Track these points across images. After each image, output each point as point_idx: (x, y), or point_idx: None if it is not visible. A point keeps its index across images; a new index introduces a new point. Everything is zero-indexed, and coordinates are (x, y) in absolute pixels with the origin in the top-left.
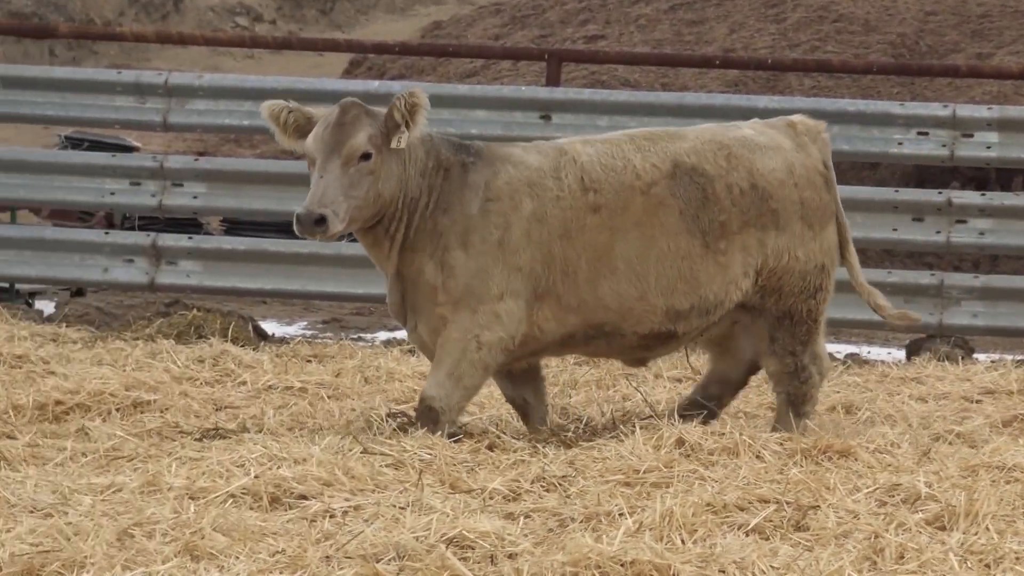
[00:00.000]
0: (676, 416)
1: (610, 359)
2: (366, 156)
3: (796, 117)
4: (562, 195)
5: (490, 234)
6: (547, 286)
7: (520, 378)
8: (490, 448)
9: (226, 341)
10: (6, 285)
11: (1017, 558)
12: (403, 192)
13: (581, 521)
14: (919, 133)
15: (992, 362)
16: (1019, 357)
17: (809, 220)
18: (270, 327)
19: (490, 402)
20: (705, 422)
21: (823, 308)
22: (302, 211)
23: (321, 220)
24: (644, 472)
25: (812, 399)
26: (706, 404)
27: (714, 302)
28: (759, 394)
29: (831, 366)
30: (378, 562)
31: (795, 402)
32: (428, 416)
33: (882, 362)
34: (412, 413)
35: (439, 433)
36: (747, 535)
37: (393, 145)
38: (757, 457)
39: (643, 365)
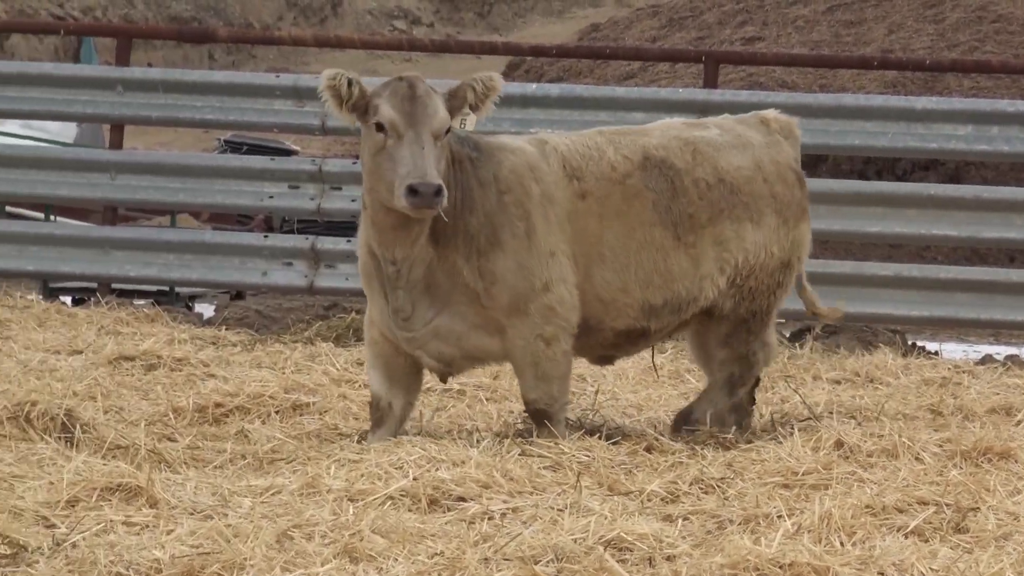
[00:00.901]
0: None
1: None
2: (447, 131)
3: (770, 112)
4: (556, 179)
5: (516, 228)
6: (576, 269)
7: (401, 385)
8: (648, 450)
9: None
10: (166, 288)
11: None
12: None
13: (739, 523)
14: None
15: None
16: None
17: (783, 215)
18: None
19: (648, 404)
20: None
21: (781, 304)
22: (418, 182)
23: (440, 190)
24: (803, 474)
25: (749, 385)
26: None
27: (686, 298)
28: (918, 396)
29: (778, 352)
30: (536, 564)
31: (734, 382)
32: (543, 417)
33: None
34: (570, 415)
35: (561, 427)
36: (906, 537)
37: (457, 125)
38: (916, 459)
39: (609, 364)
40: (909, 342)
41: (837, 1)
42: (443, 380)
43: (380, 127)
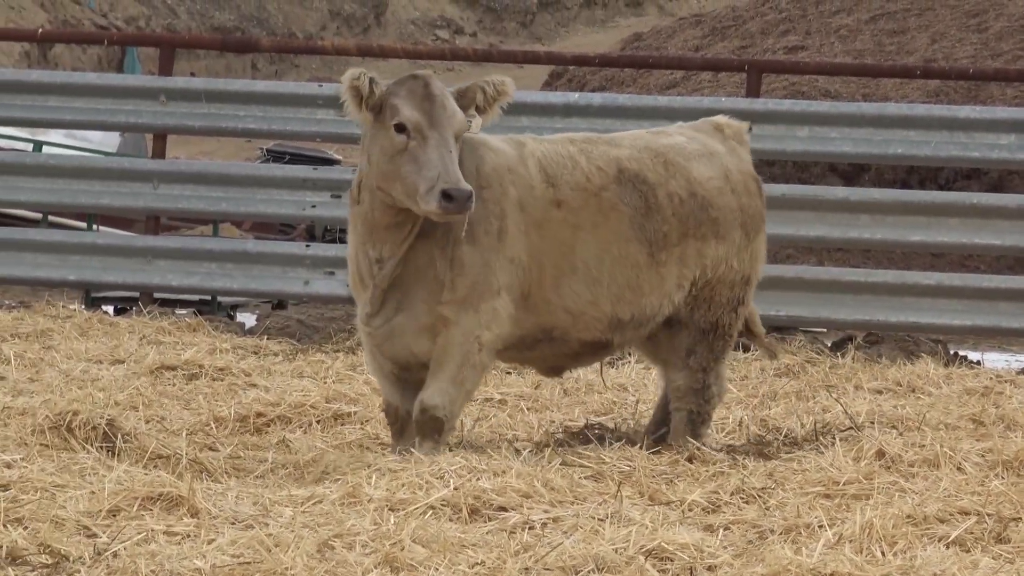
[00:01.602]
0: (648, 439)
1: (525, 366)
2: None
3: (721, 119)
4: (533, 184)
5: (491, 225)
6: (525, 281)
7: (412, 388)
8: (689, 460)
9: None
10: (208, 298)
11: None
12: None
13: (780, 533)
14: None
15: None
16: None
17: (747, 228)
18: None
19: None
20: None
21: (740, 323)
22: (452, 188)
23: (471, 196)
24: (844, 484)
25: (710, 419)
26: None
27: (650, 315)
28: (960, 406)
29: (729, 388)
30: (577, 574)
31: (695, 421)
32: (432, 425)
33: None
34: (611, 425)
35: (442, 444)
36: (947, 547)
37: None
38: (958, 469)
39: (558, 376)
40: (951, 352)
41: (880, 10)
42: (396, 380)
43: (401, 128)
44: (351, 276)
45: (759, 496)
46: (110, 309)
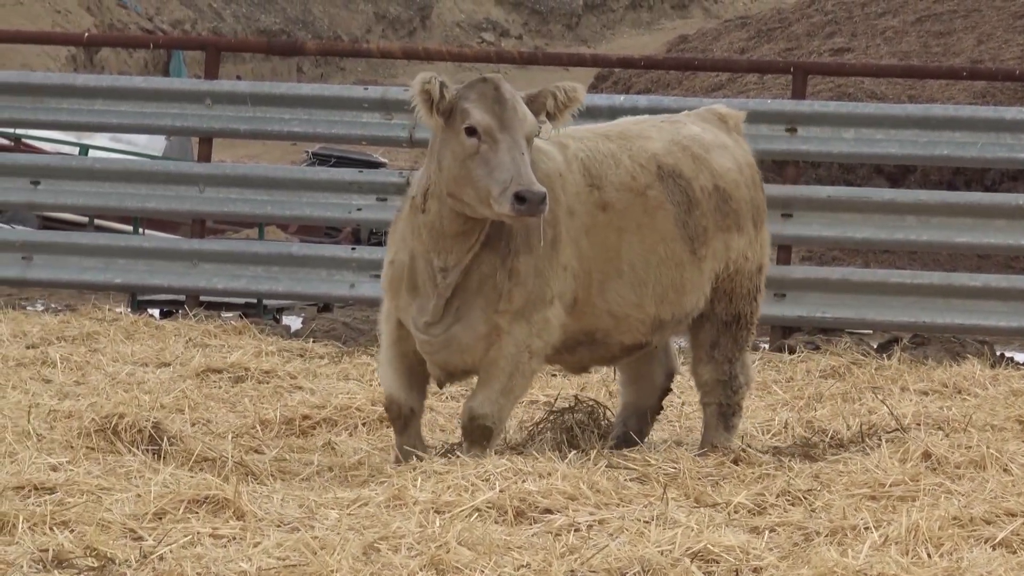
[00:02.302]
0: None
1: (554, 365)
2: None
3: (722, 108)
4: (579, 190)
5: (545, 232)
6: (576, 288)
7: (419, 387)
8: (735, 462)
9: None
10: (254, 301)
11: None
12: None
13: (826, 535)
14: None
15: None
16: None
17: (755, 219)
18: None
19: None
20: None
21: (759, 311)
22: (525, 190)
23: (545, 198)
24: (890, 486)
25: (741, 410)
26: (636, 439)
27: (688, 311)
28: (1006, 407)
29: (755, 376)
30: None
31: (726, 413)
32: (481, 433)
33: None
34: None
35: (489, 451)
36: (994, 549)
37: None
38: (1004, 470)
39: (585, 372)
40: (997, 353)
41: (926, 12)
42: (440, 386)
43: (472, 131)
44: (386, 279)
45: (805, 498)
46: (156, 312)
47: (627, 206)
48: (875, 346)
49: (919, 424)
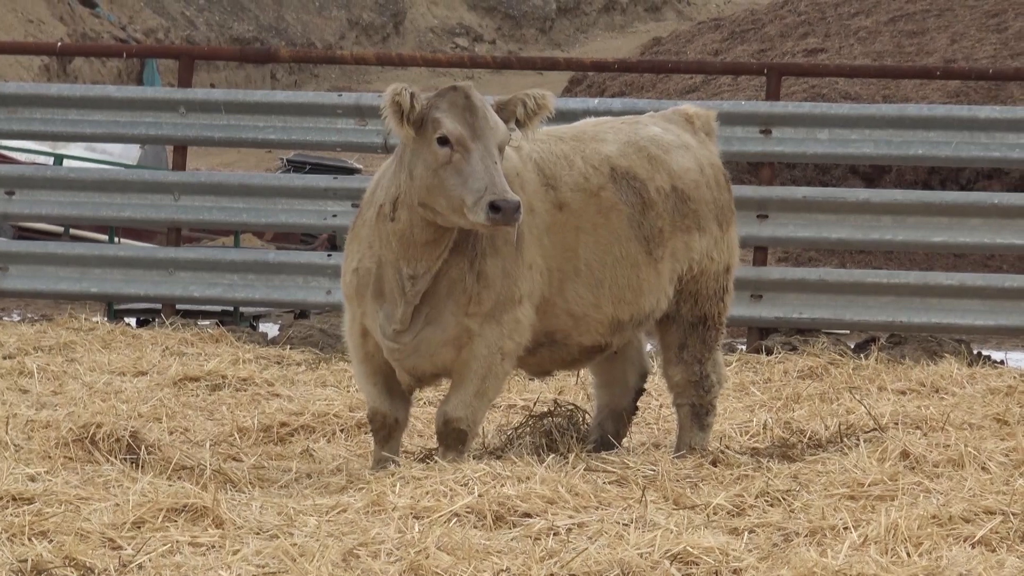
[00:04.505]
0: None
1: (517, 369)
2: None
3: (690, 108)
4: (536, 189)
5: (508, 235)
6: (542, 286)
7: (401, 396)
8: (713, 463)
9: None
10: (230, 309)
11: None
12: None
13: (806, 535)
14: None
15: None
16: None
17: (720, 220)
18: None
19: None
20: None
21: (728, 311)
22: (500, 199)
23: (519, 207)
24: (869, 485)
25: (714, 409)
26: (614, 442)
27: (647, 313)
28: (984, 405)
29: (727, 374)
30: None
31: (699, 413)
32: (456, 437)
33: None
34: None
35: (465, 454)
36: (973, 547)
37: None
38: (983, 469)
39: (548, 376)
40: (974, 351)
41: (899, 12)
42: (408, 393)
43: (444, 141)
44: (350, 287)
45: (784, 499)
46: (132, 321)
47: (582, 206)
48: (852, 346)
49: (897, 423)
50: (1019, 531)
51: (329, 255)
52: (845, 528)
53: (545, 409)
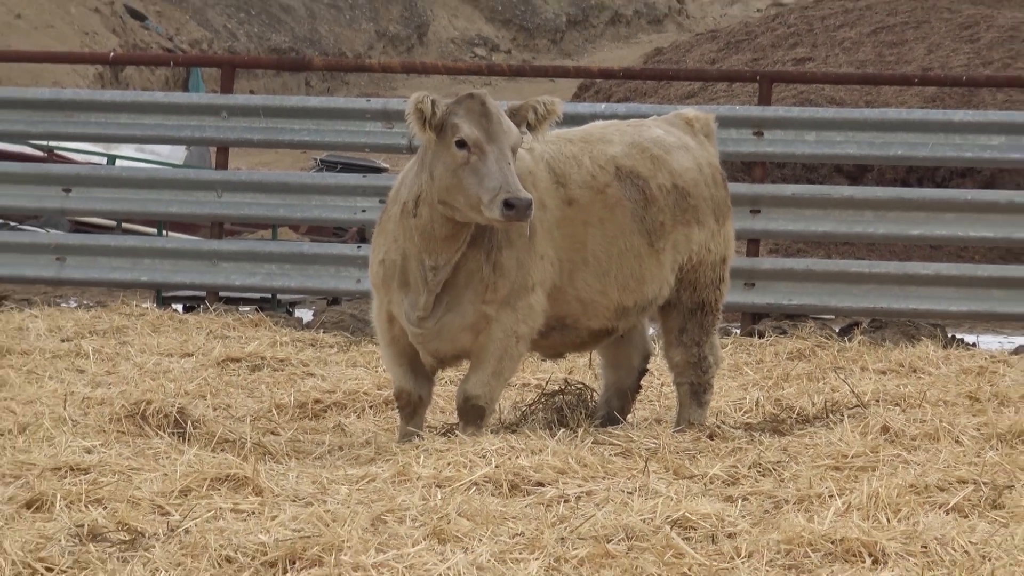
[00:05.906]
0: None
1: (532, 351)
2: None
3: (691, 112)
4: (547, 186)
5: (522, 227)
6: (554, 275)
7: (424, 375)
8: (710, 437)
9: None
10: (269, 296)
11: None
12: None
13: (794, 503)
14: None
15: None
16: None
17: (717, 214)
18: None
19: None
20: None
21: (723, 298)
22: (514, 197)
23: (531, 204)
24: (852, 457)
25: (711, 388)
26: (619, 418)
27: (650, 299)
28: (958, 384)
29: (723, 356)
30: (608, 543)
31: (697, 391)
32: (475, 413)
33: None
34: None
35: (483, 428)
36: (947, 514)
37: None
38: (956, 442)
39: (561, 358)
40: (949, 335)
41: (880, 24)
42: (431, 372)
43: (462, 144)
44: (377, 277)
45: (774, 469)
46: (179, 307)
47: (589, 202)
48: (837, 330)
49: (878, 401)
50: (989, 499)
51: (359, 247)
52: (830, 496)
53: (556, 388)
